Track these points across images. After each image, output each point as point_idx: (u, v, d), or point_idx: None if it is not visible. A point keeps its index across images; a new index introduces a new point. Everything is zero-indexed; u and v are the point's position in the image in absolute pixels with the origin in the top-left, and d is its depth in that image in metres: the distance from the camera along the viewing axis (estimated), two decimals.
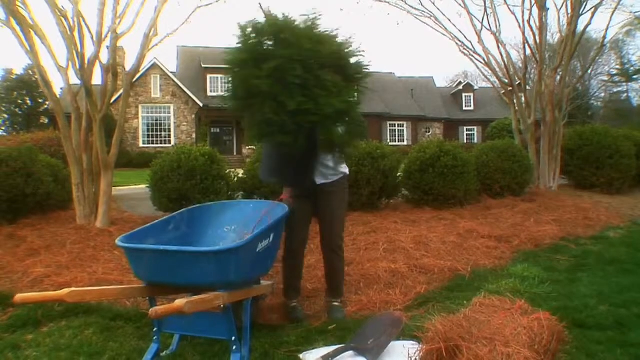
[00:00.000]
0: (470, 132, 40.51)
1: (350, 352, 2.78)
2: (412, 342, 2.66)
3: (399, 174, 7.25)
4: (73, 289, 2.39)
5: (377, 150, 6.77)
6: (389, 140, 35.06)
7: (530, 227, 6.36)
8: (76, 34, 5.95)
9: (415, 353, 2.44)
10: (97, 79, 6.43)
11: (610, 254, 5.25)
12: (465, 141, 37.25)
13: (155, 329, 2.90)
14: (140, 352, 2.90)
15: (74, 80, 6.18)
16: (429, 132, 38.06)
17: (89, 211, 6.15)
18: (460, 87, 42.00)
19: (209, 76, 32.60)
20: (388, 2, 10.34)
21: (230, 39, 3.00)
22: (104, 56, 6.30)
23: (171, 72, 31.60)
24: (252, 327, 3.17)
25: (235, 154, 31.96)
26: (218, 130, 33.68)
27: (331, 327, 3.29)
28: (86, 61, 6.00)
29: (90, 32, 6.09)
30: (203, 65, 32.69)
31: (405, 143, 33.98)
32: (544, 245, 5.67)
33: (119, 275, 4.41)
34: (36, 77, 19.59)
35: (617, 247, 5.64)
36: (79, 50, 5.95)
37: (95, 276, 4.36)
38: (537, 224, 6.57)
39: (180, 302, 2.23)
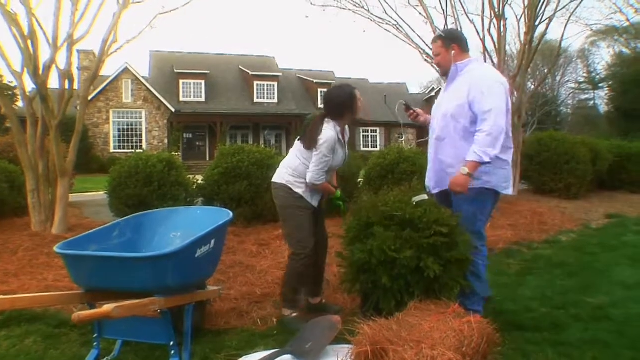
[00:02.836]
0: None
1: (288, 356, 2.82)
2: (346, 345, 2.71)
3: (359, 179, 7.33)
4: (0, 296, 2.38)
5: None
6: (362, 146, 35.35)
7: (486, 231, 6.48)
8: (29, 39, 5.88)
9: (345, 356, 2.49)
10: (56, 83, 6.38)
11: (559, 258, 5.41)
12: None
13: (95, 335, 2.90)
14: (80, 359, 2.90)
15: (31, 85, 6.12)
16: (402, 137, 38.39)
17: (45, 218, 6.07)
18: (433, 94, 42.46)
19: (181, 81, 32.40)
20: (351, 10, 10.50)
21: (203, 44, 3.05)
22: (62, 61, 6.25)
23: (143, 77, 31.29)
24: (197, 331, 3.20)
25: (208, 159, 31.74)
26: (191, 136, 33.49)
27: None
28: (41, 66, 5.93)
29: (46, 36, 6.03)
30: (176, 71, 32.48)
31: (379, 149, 34.22)
32: (497, 250, 5.78)
33: (70, 282, 4.36)
34: None
35: (567, 250, 5.81)
36: (33, 54, 5.87)
37: (44, 283, 4.32)
38: (492, 228, 6.69)
39: (108, 307, 2.25)
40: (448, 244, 3.03)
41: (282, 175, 3.59)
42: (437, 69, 3.51)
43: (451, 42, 3.37)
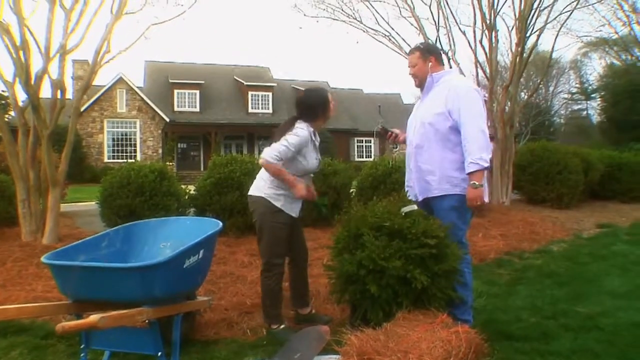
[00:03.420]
0: None
1: None
2: (334, 356, 2.71)
3: (352, 190, 7.34)
4: None
5: (328, 166, 6.86)
6: (356, 156, 35.41)
7: (478, 242, 6.50)
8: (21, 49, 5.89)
9: None
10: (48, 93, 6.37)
11: (550, 267, 5.43)
12: None
13: (82, 346, 2.89)
14: None
15: (23, 95, 6.12)
16: (396, 148, 38.48)
17: (35, 228, 6.05)
18: None
19: (176, 91, 32.48)
20: (344, 22, 10.59)
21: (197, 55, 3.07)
22: (54, 71, 6.25)
23: (138, 87, 31.32)
24: (186, 342, 3.19)
25: (202, 169, 31.71)
26: (185, 146, 33.48)
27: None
28: (33, 76, 5.94)
29: (38, 46, 6.04)
30: (170, 81, 32.55)
31: (373, 159, 34.26)
32: (489, 260, 5.80)
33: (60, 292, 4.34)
34: None
35: (558, 260, 5.83)
36: (24, 64, 5.87)
37: (33, 294, 4.28)
38: (484, 238, 6.72)
39: (94, 317, 2.23)
40: (436, 255, 3.04)
41: (260, 187, 3.52)
42: (413, 79, 3.53)
43: (429, 54, 3.43)
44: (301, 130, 3.43)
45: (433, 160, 3.30)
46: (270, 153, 3.33)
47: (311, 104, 3.56)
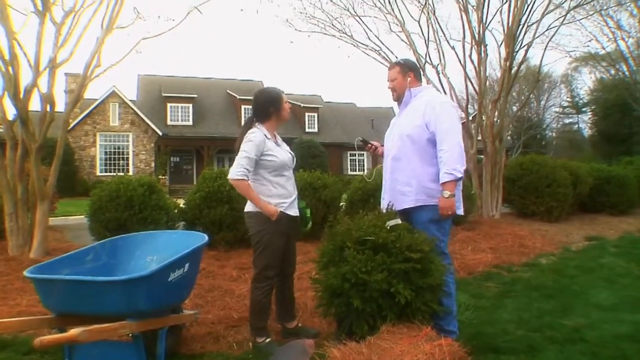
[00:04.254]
0: None
1: None
2: None
3: (342, 203, 7.35)
4: None
5: (318, 180, 6.87)
6: (349, 170, 35.47)
7: (467, 255, 6.52)
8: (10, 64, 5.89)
9: None
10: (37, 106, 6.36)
11: (538, 281, 5.45)
12: None
13: None
14: None
15: (11, 108, 6.11)
16: None
17: (23, 241, 6.01)
18: None
19: (169, 105, 32.47)
20: (335, 37, 10.68)
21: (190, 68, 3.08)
22: (44, 84, 6.25)
23: (131, 101, 31.29)
24: (172, 356, 3.17)
25: (195, 183, 31.64)
26: (178, 159, 33.42)
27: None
28: (21, 90, 5.94)
29: (28, 60, 6.05)
30: (163, 94, 32.57)
31: (365, 173, 34.29)
32: (477, 273, 5.82)
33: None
34: None
35: (546, 273, 5.85)
36: (13, 77, 5.87)
37: (17, 309, 4.24)
38: (473, 252, 6.74)
39: (75, 331, 2.23)
40: (420, 270, 3.05)
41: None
42: (392, 93, 3.61)
43: (408, 70, 3.54)
44: (252, 135, 3.45)
45: (410, 171, 3.36)
46: (235, 171, 3.35)
47: (262, 103, 3.60)
